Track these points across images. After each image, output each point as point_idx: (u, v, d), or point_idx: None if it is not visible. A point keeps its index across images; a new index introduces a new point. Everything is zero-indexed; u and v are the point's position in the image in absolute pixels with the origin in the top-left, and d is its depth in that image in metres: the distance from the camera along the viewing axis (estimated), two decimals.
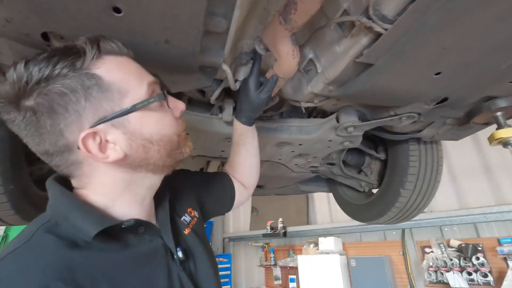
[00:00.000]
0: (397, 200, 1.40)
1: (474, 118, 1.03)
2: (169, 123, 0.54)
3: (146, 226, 0.53)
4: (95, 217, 0.47)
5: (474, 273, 2.97)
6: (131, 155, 0.49)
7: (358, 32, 0.69)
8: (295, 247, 5.04)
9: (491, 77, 0.78)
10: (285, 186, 2.04)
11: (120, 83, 0.47)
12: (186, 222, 0.66)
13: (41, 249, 0.43)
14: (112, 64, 0.48)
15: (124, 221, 0.49)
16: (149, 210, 0.57)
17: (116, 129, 0.47)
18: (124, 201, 0.52)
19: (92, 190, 0.50)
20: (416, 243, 3.56)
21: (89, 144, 0.46)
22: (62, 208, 0.48)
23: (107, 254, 0.47)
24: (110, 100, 0.47)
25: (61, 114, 0.44)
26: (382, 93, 0.84)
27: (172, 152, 0.53)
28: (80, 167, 0.48)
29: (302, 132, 1.14)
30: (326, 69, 0.83)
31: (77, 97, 0.44)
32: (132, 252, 0.50)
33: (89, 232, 0.45)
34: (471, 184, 3.34)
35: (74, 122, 0.45)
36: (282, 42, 0.72)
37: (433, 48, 0.65)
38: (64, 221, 0.47)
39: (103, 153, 0.47)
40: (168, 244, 0.55)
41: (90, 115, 0.45)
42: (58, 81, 0.43)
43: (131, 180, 0.52)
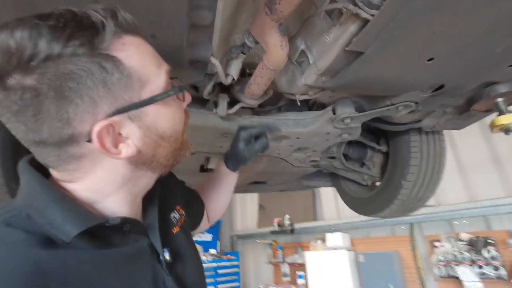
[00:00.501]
0: (399, 192, 1.38)
1: (474, 106, 1.01)
2: (180, 118, 0.50)
3: (131, 224, 0.48)
4: (78, 214, 0.41)
5: (485, 266, 2.91)
6: (143, 152, 0.44)
7: (346, 20, 0.69)
8: (302, 244, 5.03)
9: (487, 61, 0.76)
10: (288, 182, 2.04)
11: (141, 71, 0.42)
12: (175, 220, 0.62)
13: (11, 248, 0.36)
14: (132, 46, 0.42)
15: (109, 219, 0.44)
16: (137, 208, 0.53)
17: (132, 122, 0.42)
18: (116, 198, 0.46)
19: (82, 185, 0.44)
20: (425, 238, 3.51)
21: (104, 137, 0.40)
22: (38, 200, 0.41)
23: (86, 255, 0.41)
24: (130, 89, 0.41)
25: (71, 100, 0.37)
26: (375, 82, 0.83)
27: (176, 152, 0.50)
28: (80, 161, 0.41)
29: (299, 125, 1.14)
30: (318, 60, 0.82)
31: (95, 82, 0.37)
32: (114, 252, 0.44)
33: (69, 231, 0.39)
34: (481, 176, 3.26)
35: (87, 111, 0.38)
36: (269, 33, 0.71)
37: (423, 33, 0.64)
38: (39, 215, 0.40)
39: (115, 148, 0.41)
40: (155, 244, 0.50)
41: (107, 104, 0.39)
42: (71, 61, 0.36)
43: (131, 178, 0.47)
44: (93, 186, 0.44)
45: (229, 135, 1.12)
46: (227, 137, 1.14)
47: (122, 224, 0.46)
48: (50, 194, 0.42)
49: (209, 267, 5.27)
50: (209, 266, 5.29)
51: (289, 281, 5.03)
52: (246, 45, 0.79)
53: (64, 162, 0.41)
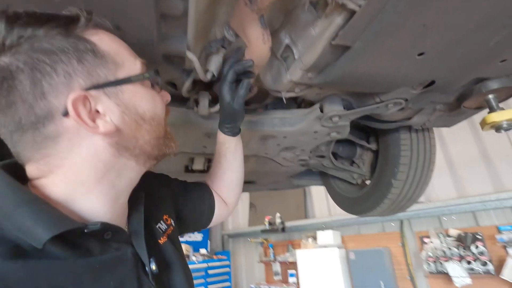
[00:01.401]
0: (389, 191, 1.35)
1: (465, 102, 0.98)
2: (160, 104, 0.52)
3: (113, 231, 0.44)
4: (51, 217, 0.37)
5: (473, 262, 2.94)
6: (123, 131, 0.44)
7: (332, 11, 0.64)
8: (294, 242, 5.02)
9: (479, 56, 0.73)
10: (278, 181, 2.00)
11: (115, 55, 0.45)
12: (162, 230, 0.58)
13: None
14: (105, 36, 0.45)
15: (88, 224, 0.40)
16: (121, 214, 0.49)
17: (108, 99, 0.43)
18: (98, 193, 0.43)
19: (57, 178, 0.41)
20: (415, 234, 3.53)
21: (79, 108, 0.39)
22: (5, 202, 0.37)
23: (60, 264, 0.37)
24: (105, 68, 0.43)
25: (47, 73, 0.38)
26: (363, 78, 0.79)
27: (159, 141, 0.50)
28: (56, 142, 0.40)
29: (286, 124, 1.09)
30: (303, 55, 0.78)
31: (69, 57, 0.40)
32: (93, 261, 0.40)
33: (41, 236, 0.35)
34: (469, 172, 3.30)
35: (62, 83, 0.39)
36: (250, 26, 0.66)
37: (413, 26, 0.60)
38: (6, 220, 0.36)
39: (92, 122, 0.41)
40: (140, 254, 0.47)
41: (82, 78, 0.41)
42: (44, 41, 0.38)
43: (113, 165, 0.44)
44: (72, 175, 0.42)
45: (212, 136, 1.06)
46: (210, 138, 1.08)
47: (103, 231, 0.42)
48: (19, 195, 0.38)
49: (200, 268, 5.19)
50: (200, 266, 5.21)
51: (281, 280, 5.01)
52: (226, 39, 0.73)
53: (40, 146, 0.40)
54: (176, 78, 0.79)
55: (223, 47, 0.77)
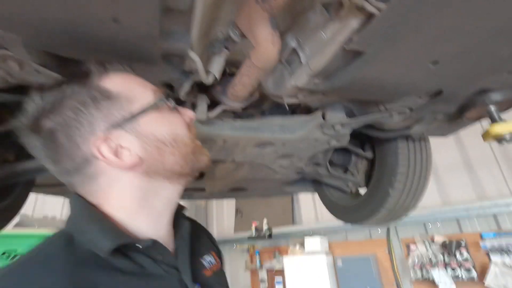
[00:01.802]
0: (386, 200, 1.33)
1: (467, 113, 0.97)
2: (180, 124, 0.53)
3: (163, 254, 0.49)
4: (113, 231, 0.45)
5: (458, 268, 2.99)
6: (147, 159, 0.48)
7: (347, 14, 0.60)
8: (280, 248, 4.97)
9: (489, 65, 0.71)
10: (269, 188, 1.95)
11: (127, 92, 0.49)
12: (208, 264, 0.60)
13: (49, 266, 0.40)
14: (117, 78, 0.51)
15: (142, 240, 0.46)
16: (167, 235, 0.53)
17: (129, 135, 0.48)
18: (142, 216, 0.49)
19: (110, 205, 0.48)
20: (401, 241, 3.57)
21: (102, 149, 0.46)
22: (80, 220, 0.47)
23: (121, 278, 0.43)
24: (120, 108, 0.48)
25: (75, 127, 0.45)
26: (373, 86, 0.76)
27: (187, 158, 0.52)
28: (97, 179, 0.47)
29: (285, 130, 1.05)
30: (311, 59, 0.74)
31: (89, 109, 0.46)
32: (147, 280, 0.46)
33: (106, 246, 0.43)
34: (453, 180, 3.37)
35: (87, 132, 0.46)
36: (259, 26, 0.61)
37: (432, 32, 0.57)
38: (80, 234, 0.45)
39: (118, 158, 0.46)
40: (185, 279, 0.50)
41: (101, 123, 0.46)
42: (70, 99, 0.46)
43: (148, 189, 0.49)
44: (118, 203, 0.48)
45: (208, 141, 1.00)
46: (206, 144, 1.02)
47: (155, 251, 0.48)
48: (89, 214, 0.47)
49: None
50: None
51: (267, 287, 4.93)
52: (231, 39, 0.68)
53: (87, 184, 0.48)
54: (174, 79, 0.73)
55: (226, 48, 0.72)
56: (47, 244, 0.44)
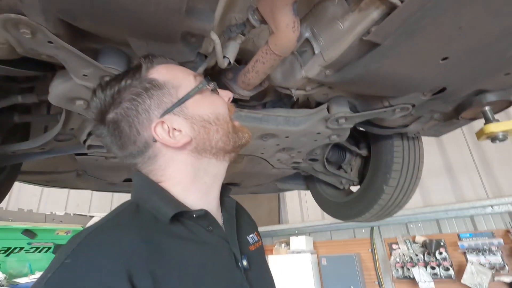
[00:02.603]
0: (380, 197, 1.37)
1: (462, 113, 1.02)
2: (221, 103, 0.59)
3: (214, 226, 0.54)
4: (173, 201, 0.52)
5: (437, 267, 3.12)
6: (195, 138, 0.54)
7: (368, 5, 0.61)
8: (266, 247, 4.98)
9: (494, 65, 0.75)
10: (262, 184, 1.95)
11: (172, 80, 0.55)
12: (253, 240, 0.65)
13: (126, 226, 0.47)
14: (162, 68, 0.56)
15: (196, 210, 0.52)
16: (216, 208, 0.59)
17: (178, 117, 0.54)
18: (194, 190, 0.55)
19: (167, 181, 0.55)
20: (384, 240, 3.68)
21: (159, 132, 0.52)
22: (145, 192, 0.54)
23: (178, 241, 0.49)
24: (168, 95, 0.54)
25: (134, 116, 0.52)
26: (383, 79, 0.78)
27: (230, 135, 0.57)
28: (156, 160, 0.54)
29: (290, 123, 1.05)
30: (325, 50, 0.75)
31: (143, 98, 0.52)
32: (202, 246, 0.51)
33: (168, 212, 0.49)
34: (434, 182, 3.52)
35: (145, 119, 0.52)
36: (282, 12, 0.61)
37: (449, 27, 0.59)
38: (145, 202, 0.52)
39: (173, 139, 0.52)
40: (233, 250, 0.55)
41: (156, 110, 0.53)
42: (126, 91, 0.52)
43: (199, 166, 0.56)
44: (174, 179, 0.55)
45: None
46: None
47: (207, 221, 0.53)
48: (152, 187, 0.54)
49: None
50: None
51: None
52: (249, 24, 0.68)
53: (147, 165, 0.55)
54: (188, 61, 0.71)
55: (242, 33, 0.72)
56: (121, 211, 0.50)
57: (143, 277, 0.41)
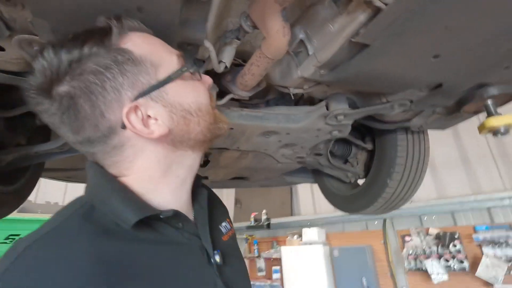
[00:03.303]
0: (384, 190, 1.38)
1: (464, 107, 1.01)
2: (203, 91, 0.52)
3: (184, 222, 0.49)
4: (136, 204, 0.44)
5: (451, 259, 3.08)
6: (174, 129, 0.47)
7: (355, 8, 0.63)
8: (278, 239, 5.06)
9: (488, 61, 0.75)
10: (270, 178, 1.99)
11: (151, 56, 0.46)
12: (225, 230, 0.62)
13: (74, 237, 0.39)
14: (138, 38, 0.47)
15: (163, 211, 0.46)
16: (187, 203, 0.53)
17: (155, 103, 0.46)
18: (165, 185, 0.49)
19: (132, 177, 0.47)
20: (397, 232, 3.66)
21: (132, 119, 0.44)
22: (102, 191, 0.45)
23: (144, 247, 0.43)
24: (146, 74, 0.45)
25: (99, 93, 0.42)
26: (376, 77, 0.79)
27: (211, 126, 0.51)
28: (122, 150, 0.46)
29: (290, 120, 1.08)
30: (318, 51, 0.77)
31: (113, 73, 0.43)
32: (170, 249, 0.46)
33: (130, 218, 0.42)
34: (450, 174, 3.44)
35: (114, 100, 0.43)
36: (271, 18, 0.64)
37: (436, 27, 0.60)
38: (102, 204, 0.44)
39: (147, 128, 0.45)
40: (205, 246, 0.50)
41: (129, 90, 0.44)
42: (90, 60, 0.42)
43: (173, 159, 0.49)
44: (142, 175, 0.47)
45: None
46: None
47: (176, 220, 0.48)
48: (113, 185, 0.46)
49: None
50: None
51: (264, 276, 5.05)
52: (243, 30, 0.71)
53: (110, 155, 0.46)
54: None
55: (237, 38, 0.75)
56: (69, 216, 0.42)
57: None
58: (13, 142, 1.11)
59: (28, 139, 1.16)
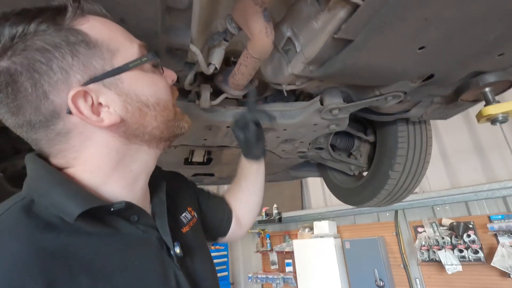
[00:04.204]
0: (386, 182, 1.38)
1: (462, 95, 1.00)
2: (164, 86, 0.49)
3: (139, 215, 0.46)
4: (81, 195, 0.41)
5: (465, 250, 3.02)
6: (127, 120, 0.44)
7: (335, 5, 0.64)
8: (290, 232, 5.09)
9: (478, 50, 0.74)
10: (276, 173, 2.02)
11: (109, 41, 0.43)
12: (186, 220, 0.60)
13: (9, 232, 0.36)
14: (97, 22, 0.44)
15: (114, 203, 0.43)
16: (143, 197, 0.51)
17: (109, 90, 0.43)
18: (116, 179, 0.46)
19: (79, 168, 0.44)
20: (409, 223, 3.61)
21: (80, 105, 0.40)
22: (41, 183, 0.41)
23: (90, 240, 0.40)
24: (100, 58, 0.42)
25: (44, 72, 0.39)
26: (364, 71, 0.80)
27: (169, 123, 0.49)
28: (68, 138, 0.42)
29: (286, 116, 1.10)
30: (305, 48, 0.78)
31: (62, 53, 0.39)
32: (120, 240, 0.43)
33: (72, 211, 0.38)
34: (463, 163, 3.36)
35: (60, 81, 0.40)
36: (253, 19, 0.66)
37: (415, 20, 0.60)
38: (43, 198, 0.40)
39: (96, 116, 0.42)
40: (164, 238, 0.49)
41: (78, 73, 0.41)
42: (37, 37, 0.38)
43: (126, 152, 0.46)
44: (90, 166, 0.44)
45: (213, 128, 1.07)
46: (211, 130, 1.08)
47: (129, 212, 0.45)
48: (54, 176, 0.42)
49: None
50: None
51: (278, 269, 5.11)
52: (229, 32, 0.73)
53: (54, 143, 0.42)
54: (178, 71, 0.79)
55: (225, 40, 0.77)
56: (4, 210, 0.39)
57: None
58: (26, 147, 1.18)
59: None
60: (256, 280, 5.16)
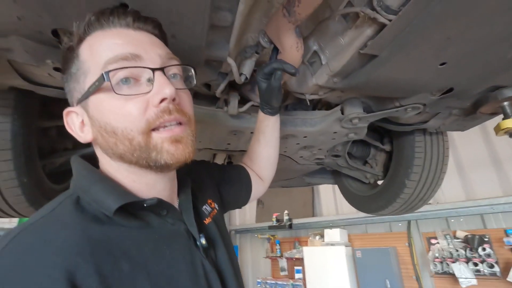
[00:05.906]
0: (402, 191, 1.41)
1: (480, 108, 1.02)
2: (126, 114, 0.43)
3: (168, 209, 0.51)
4: (117, 192, 0.46)
5: (480, 264, 2.97)
6: (98, 140, 0.47)
7: (362, 23, 0.69)
8: (300, 239, 5.09)
9: (497, 66, 0.78)
10: (291, 178, 2.06)
11: (84, 62, 0.46)
12: (207, 212, 0.64)
13: (62, 222, 0.41)
14: (92, 40, 0.46)
15: (146, 199, 0.47)
16: (169, 193, 0.54)
17: (85, 111, 0.47)
18: (138, 183, 0.49)
19: (110, 168, 0.49)
20: (422, 234, 3.57)
21: (69, 121, 0.49)
22: (84, 181, 0.47)
23: (128, 232, 0.45)
24: (76, 82, 0.47)
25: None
26: (386, 84, 0.84)
27: (136, 153, 0.45)
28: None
29: (307, 124, 1.15)
30: (331, 61, 0.83)
31: (67, 77, 0.48)
32: (153, 232, 0.48)
33: (111, 206, 0.43)
34: (479, 175, 3.31)
35: (70, 98, 0.50)
36: (286, 35, 0.72)
37: (438, 38, 0.65)
38: (86, 194, 0.45)
39: (81, 132, 0.48)
40: (191, 230, 0.53)
41: (75, 93, 0.48)
42: (68, 62, 0.48)
43: (119, 165, 0.48)
44: (115, 168, 0.49)
45: (238, 133, 1.13)
46: (236, 135, 1.15)
47: (160, 207, 0.49)
48: (92, 175, 0.48)
49: None
50: None
51: (287, 275, 5.09)
52: (261, 45, 0.80)
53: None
54: (212, 80, 0.85)
55: (256, 52, 0.83)
56: (57, 206, 0.44)
57: (86, 276, 0.37)
58: (62, 147, 1.27)
59: (74, 144, 1.32)
60: (265, 285, 5.15)
